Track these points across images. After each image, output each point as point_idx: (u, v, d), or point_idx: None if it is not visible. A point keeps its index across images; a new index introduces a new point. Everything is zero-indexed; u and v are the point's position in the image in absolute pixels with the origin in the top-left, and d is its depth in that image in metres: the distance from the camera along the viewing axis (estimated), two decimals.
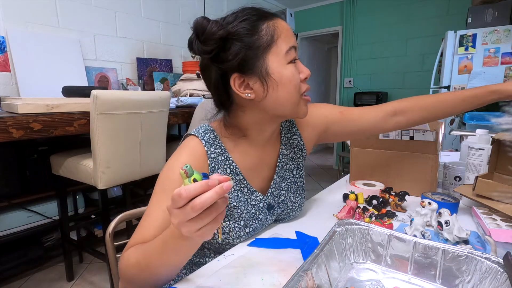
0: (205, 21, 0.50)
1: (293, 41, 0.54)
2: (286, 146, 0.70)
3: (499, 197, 0.65)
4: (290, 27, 0.56)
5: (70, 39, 2.00)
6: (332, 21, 4.10)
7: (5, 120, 1.10)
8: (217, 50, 0.51)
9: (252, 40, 0.51)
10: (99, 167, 1.29)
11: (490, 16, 2.28)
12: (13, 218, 1.59)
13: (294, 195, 0.70)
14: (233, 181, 0.60)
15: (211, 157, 0.57)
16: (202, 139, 0.58)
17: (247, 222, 0.61)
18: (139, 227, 0.52)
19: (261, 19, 0.52)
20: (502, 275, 0.39)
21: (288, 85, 0.53)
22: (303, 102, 0.58)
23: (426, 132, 0.81)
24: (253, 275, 0.49)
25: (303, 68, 0.56)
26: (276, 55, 0.52)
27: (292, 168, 0.71)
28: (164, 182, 0.54)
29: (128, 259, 0.49)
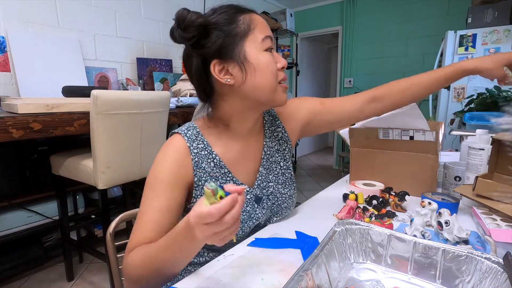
0: (185, 11, 0.54)
1: (268, 32, 0.59)
2: (270, 138, 0.71)
3: (499, 197, 0.65)
4: (267, 23, 0.61)
5: (70, 39, 2.00)
6: (332, 21, 4.10)
7: (5, 120, 1.10)
8: (197, 38, 0.55)
9: (230, 28, 0.56)
10: (99, 167, 1.29)
11: (490, 16, 2.28)
12: (13, 218, 1.59)
13: (282, 187, 0.70)
14: (219, 175, 0.61)
15: (194, 152, 0.60)
16: (184, 136, 0.60)
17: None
18: (136, 230, 0.55)
19: (238, 12, 0.57)
20: (502, 275, 0.39)
21: (265, 70, 0.57)
22: (281, 89, 0.61)
23: (426, 132, 0.81)
24: (253, 275, 0.49)
25: (280, 58, 0.60)
26: (253, 42, 0.56)
27: (278, 160, 0.71)
28: (154, 184, 0.57)
29: (132, 261, 0.52)
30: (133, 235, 0.55)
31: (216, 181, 0.61)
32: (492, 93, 1.73)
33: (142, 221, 0.56)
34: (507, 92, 1.70)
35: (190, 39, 0.55)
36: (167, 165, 0.58)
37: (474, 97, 1.85)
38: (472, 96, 1.88)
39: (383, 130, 0.87)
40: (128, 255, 0.54)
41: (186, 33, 0.54)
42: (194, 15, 0.54)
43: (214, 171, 0.61)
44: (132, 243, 0.54)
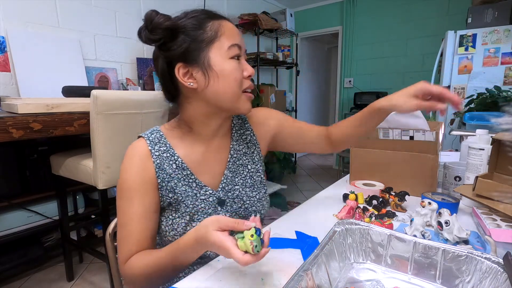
0: (154, 13, 0.56)
1: (237, 40, 0.59)
2: (238, 141, 0.71)
3: (499, 197, 0.64)
4: (238, 31, 0.62)
5: (70, 39, 2.00)
6: (332, 21, 4.10)
7: (5, 120, 1.10)
8: (164, 40, 0.56)
9: (197, 33, 0.56)
10: (99, 167, 1.29)
11: (490, 16, 2.28)
12: (13, 218, 1.59)
13: (250, 190, 0.69)
14: (181, 176, 0.62)
15: (156, 155, 0.61)
16: (147, 139, 0.62)
17: (194, 216, 0.61)
18: (121, 242, 0.59)
19: (208, 18, 0.58)
20: (502, 275, 0.39)
21: (228, 78, 0.58)
22: (245, 98, 0.61)
23: (426, 132, 0.81)
24: (253, 275, 0.49)
25: (248, 66, 0.61)
26: (218, 50, 0.57)
27: (246, 163, 0.70)
28: (124, 193, 0.60)
29: (132, 268, 0.57)
30: (121, 247, 0.59)
31: (179, 182, 0.61)
32: (492, 93, 1.73)
33: (124, 233, 0.59)
34: (507, 92, 1.70)
35: (156, 41, 0.57)
36: (131, 172, 0.60)
37: (474, 97, 1.85)
38: (472, 96, 1.88)
39: (383, 130, 0.87)
40: (124, 266, 0.58)
41: (152, 35, 0.56)
42: (161, 18, 0.55)
43: (176, 172, 0.62)
44: (123, 255, 0.58)
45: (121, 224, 0.60)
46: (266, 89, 3.32)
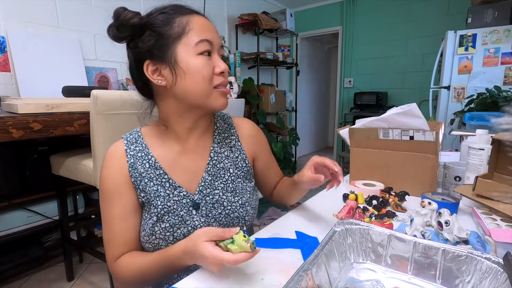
0: (121, 9, 0.56)
1: (206, 35, 0.57)
2: (219, 144, 0.69)
3: (499, 197, 0.65)
4: (211, 25, 0.60)
5: (70, 39, 2.00)
6: (332, 21, 4.10)
7: (5, 120, 1.10)
8: (131, 37, 0.57)
9: (164, 30, 0.56)
10: (99, 167, 1.29)
11: (490, 16, 2.28)
12: (13, 218, 1.59)
13: (232, 195, 0.65)
14: (153, 176, 0.62)
15: (130, 154, 0.62)
16: (125, 140, 0.64)
17: (163, 217, 0.60)
18: (108, 243, 0.60)
19: (177, 13, 0.57)
20: (502, 275, 0.39)
21: (195, 75, 0.56)
22: (217, 94, 0.60)
23: (426, 132, 0.81)
24: (253, 275, 0.49)
25: (220, 62, 0.59)
26: (185, 46, 0.56)
27: (228, 167, 0.67)
28: (104, 195, 0.61)
29: (121, 267, 0.58)
30: (107, 248, 0.60)
31: (150, 181, 0.61)
32: (492, 93, 1.73)
33: (108, 234, 0.60)
34: (507, 92, 1.70)
35: (122, 39, 0.57)
36: (107, 174, 0.61)
37: (474, 97, 1.85)
38: (472, 96, 1.88)
39: (383, 130, 0.87)
40: (113, 265, 0.59)
41: (119, 32, 0.56)
42: (129, 14, 0.55)
43: (149, 172, 0.61)
44: (110, 256, 0.60)
45: (104, 225, 0.61)
46: (266, 89, 3.32)
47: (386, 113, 0.87)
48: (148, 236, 0.60)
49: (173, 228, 0.60)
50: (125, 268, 0.58)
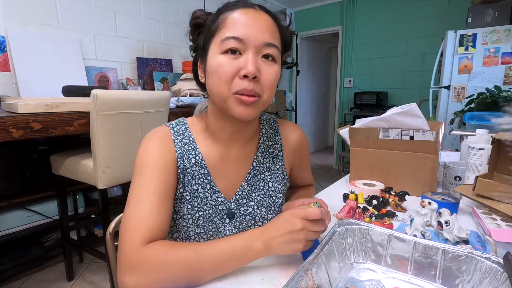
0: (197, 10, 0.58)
1: (239, 32, 0.50)
2: (263, 154, 0.65)
3: (499, 197, 0.64)
4: (252, 20, 0.51)
5: (70, 39, 2.00)
6: (332, 21, 4.10)
7: (5, 120, 1.10)
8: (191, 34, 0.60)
9: (210, 26, 0.55)
10: (99, 167, 1.29)
11: (490, 16, 2.28)
12: (13, 218, 1.59)
13: (266, 211, 0.62)
14: (197, 174, 0.58)
15: (178, 145, 0.57)
16: (172, 129, 0.59)
17: (197, 221, 0.57)
18: (140, 222, 0.48)
19: (226, 10, 0.54)
20: (502, 275, 0.39)
21: (213, 75, 0.52)
22: (234, 101, 0.52)
23: (426, 132, 0.80)
24: (253, 275, 0.49)
25: (246, 64, 0.50)
26: (215, 43, 0.52)
27: (267, 179, 0.64)
28: (143, 169, 0.53)
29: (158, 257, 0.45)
30: (136, 227, 0.48)
31: (193, 179, 0.57)
32: (492, 93, 1.73)
33: (143, 211, 0.49)
34: (507, 92, 1.69)
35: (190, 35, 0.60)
36: (154, 150, 0.55)
37: (474, 97, 1.85)
38: (472, 96, 1.88)
39: (383, 130, 0.87)
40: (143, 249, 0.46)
41: (190, 31, 0.60)
42: (195, 14, 0.57)
43: (193, 168, 0.58)
44: (141, 237, 0.47)
45: (135, 201, 0.51)
46: None
47: (386, 113, 0.87)
48: (182, 239, 0.58)
49: (206, 235, 0.58)
50: (163, 257, 0.45)
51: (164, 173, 0.54)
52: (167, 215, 0.53)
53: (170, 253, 0.45)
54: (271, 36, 0.52)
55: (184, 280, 0.45)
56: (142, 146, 0.56)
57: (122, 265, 0.46)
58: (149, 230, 0.48)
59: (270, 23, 0.54)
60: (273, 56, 0.53)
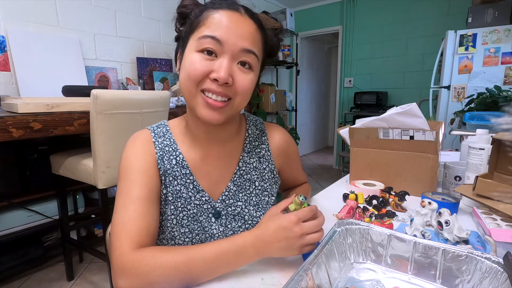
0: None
1: (217, 33, 0.49)
2: (249, 154, 0.65)
3: (499, 197, 0.64)
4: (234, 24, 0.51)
5: (70, 39, 2.00)
6: (332, 21, 4.10)
7: (5, 119, 1.10)
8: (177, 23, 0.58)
9: (193, 20, 0.54)
10: (99, 167, 1.29)
11: (491, 16, 2.28)
12: (13, 217, 1.59)
13: (254, 209, 0.63)
14: (179, 174, 0.58)
15: (159, 147, 0.58)
16: (152, 132, 0.60)
17: (182, 221, 0.57)
18: (126, 226, 0.49)
19: (211, 7, 0.53)
20: (502, 275, 0.39)
21: (183, 71, 0.53)
22: (200, 101, 0.52)
23: (426, 132, 0.80)
24: (253, 275, 0.49)
25: (219, 68, 0.49)
26: (193, 38, 0.52)
27: (254, 179, 0.64)
28: (127, 174, 0.54)
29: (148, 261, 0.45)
30: (124, 232, 0.48)
31: (174, 179, 0.58)
32: (492, 93, 1.73)
33: (128, 215, 0.50)
34: (507, 92, 1.69)
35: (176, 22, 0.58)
36: (135, 154, 0.56)
37: (474, 96, 1.85)
38: (472, 96, 1.88)
39: (383, 130, 0.87)
40: (134, 254, 0.46)
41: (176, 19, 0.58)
42: (183, 3, 0.56)
43: (175, 169, 0.58)
44: (130, 241, 0.47)
45: (121, 206, 0.51)
46: (266, 89, 3.32)
47: (386, 112, 0.87)
48: (168, 240, 0.58)
49: (192, 234, 0.58)
50: (152, 261, 0.45)
51: (146, 176, 0.54)
52: (154, 218, 0.53)
53: (160, 257, 0.45)
54: (251, 43, 0.52)
55: (176, 283, 0.45)
56: (125, 151, 0.57)
57: (114, 269, 0.47)
58: (137, 233, 0.49)
59: (253, 29, 0.53)
60: (250, 63, 0.52)
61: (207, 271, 0.46)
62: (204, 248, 0.47)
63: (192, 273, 0.45)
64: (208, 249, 0.46)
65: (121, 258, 0.46)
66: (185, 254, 0.46)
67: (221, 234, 0.60)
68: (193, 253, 0.46)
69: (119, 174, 0.55)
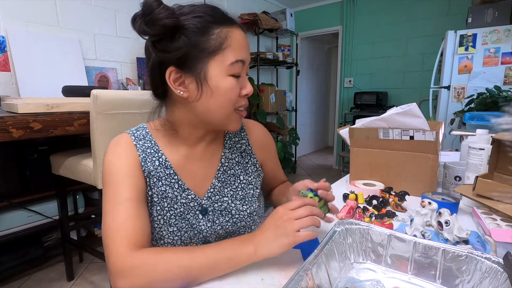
0: (155, 3, 0.48)
1: (243, 56, 0.53)
2: (230, 149, 0.66)
3: (499, 197, 0.64)
4: (247, 41, 0.55)
5: (70, 39, 2.00)
6: (332, 21, 4.10)
7: (5, 120, 1.10)
8: (161, 37, 0.50)
9: (199, 39, 0.50)
10: (99, 167, 1.29)
11: (490, 16, 2.28)
12: (13, 218, 1.59)
13: (241, 203, 0.63)
14: (163, 175, 0.58)
15: (141, 149, 0.58)
16: (132, 135, 0.59)
17: (169, 220, 0.57)
18: (120, 229, 0.49)
19: (216, 22, 0.51)
20: (502, 275, 0.39)
21: (222, 97, 0.53)
22: (236, 117, 0.57)
23: (426, 132, 0.80)
24: (253, 275, 0.49)
25: (247, 85, 0.55)
26: (220, 64, 0.51)
27: (238, 173, 0.65)
28: (112, 178, 0.54)
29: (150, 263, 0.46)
30: (119, 234, 0.48)
31: (159, 180, 0.58)
32: (492, 93, 1.73)
33: (120, 217, 0.50)
34: (507, 92, 1.70)
35: (151, 36, 0.50)
36: (118, 158, 0.55)
37: (474, 97, 1.85)
38: (472, 96, 1.88)
39: (383, 130, 0.87)
40: (134, 255, 0.46)
41: (148, 28, 0.49)
42: (163, 12, 0.48)
43: (158, 170, 0.58)
44: (126, 242, 0.48)
45: (111, 209, 0.51)
46: (266, 89, 3.32)
47: (386, 113, 0.87)
48: (156, 240, 0.58)
49: (180, 232, 0.58)
50: (154, 260, 0.46)
51: (132, 178, 0.54)
52: (146, 218, 0.54)
53: (162, 256, 0.46)
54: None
55: (177, 282, 0.46)
56: (107, 155, 0.56)
57: (112, 272, 0.46)
58: (133, 234, 0.49)
59: None
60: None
61: (208, 270, 0.47)
62: (205, 246, 0.49)
63: (194, 272, 0.46)
64: (209, 247, 0.49)
65: (120, 259, 0.46)
66: (186, 253, 0.47)
67: (209, 230, 0.61)
68: (195, 251, 0.48)
69: (104, 180, 0.55)
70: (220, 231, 0.61)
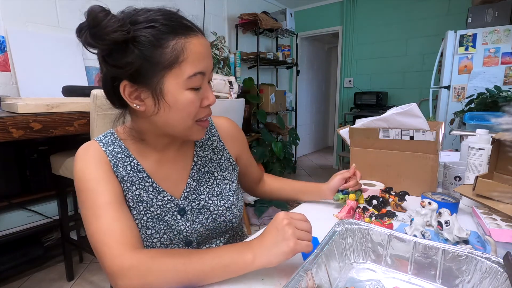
0: (101, 14, 0.44)
1: (202, 67, 0.50)
2: (202, 147, 0.66)
3: (499, 197, 0.65)
4: (208, 49, 0.51)
5: (70, 39, 2.00)
6: (332, 21, 4.10)
7: (5, 120, 1.10)
8: (110, 51, 0.47)
9: (153, 53, 0.46)
10: None
11: (490, 16, 2.28)
12: (13, 218, 1.59)
13: (218, 199, 0.63)
14: (136, 179, 0.57)
15: (111, 155, 0.56)
16: (100, 142, 0.57)
17: (147, 223, 0.56)
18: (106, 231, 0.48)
19: (172, 33, 0.47)
20: (502, 275, 0.39)
21: (181, 111, 0.51)
22: (199, 128, 0.55)
23: (426, 132, 0.81)
24: (253, 275, 0.49)
25: (209, 95, 0.53)
26: (176, 78, 0.48)
27: (212, 170, 0.65)
28: (87, 186, 0.52)
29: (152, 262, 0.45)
30: (110, 234, 0.47)
31: (132, 185, 0.56)
32: (492, 93, 1.73)
33: (103, 221, 0.48)
34: (507, 92, 1.70)
35: (96, 48, 0.47)
36: (90, 165, 0.53)
37: (474, 97, 1.85)
38: (472, 96, 1.88)
39: (383, 130, 0.87)
40: (134, 255, 0.46)
41: (95, 41, 0.45)
42: (111, 25, 0.43)
43: (131, 175, 0.56)
44: (120, 240, 0.47)
45: (91, 216, 0.49)
46: (266, 89, 3.32)
47: (386, 113, 0.87)
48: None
49: (159, 234, 0.57)
50: (150, 261, 0.45)
51: (108, 183, 0.53)
52: (130, 219, 0.53)
53: (158, 258, 0.46)
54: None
55: (173, 284, 0.45)
56: (77, 164, 0.54)
57: (111, 274, 0.46)
58: (122, 235, 0.48)
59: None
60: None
61: (204, 276, 0.46)
62: (202, 251, 0.48)
63: (189, 276, 0.45)
64: (206, 253, 0.47)
65: (117, 260, 0.45)
66: (183, 257, 0.46)
67: (189, 229, 0.60)
68: (191, 256, 0.46)
69: (78, 188, 0.52)
70: (200, 229, 0.61)
